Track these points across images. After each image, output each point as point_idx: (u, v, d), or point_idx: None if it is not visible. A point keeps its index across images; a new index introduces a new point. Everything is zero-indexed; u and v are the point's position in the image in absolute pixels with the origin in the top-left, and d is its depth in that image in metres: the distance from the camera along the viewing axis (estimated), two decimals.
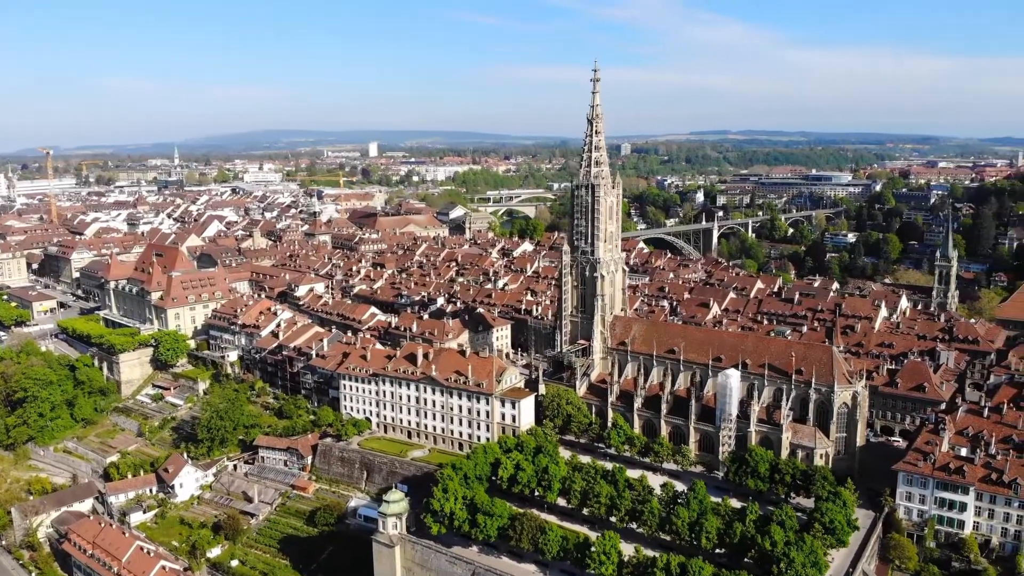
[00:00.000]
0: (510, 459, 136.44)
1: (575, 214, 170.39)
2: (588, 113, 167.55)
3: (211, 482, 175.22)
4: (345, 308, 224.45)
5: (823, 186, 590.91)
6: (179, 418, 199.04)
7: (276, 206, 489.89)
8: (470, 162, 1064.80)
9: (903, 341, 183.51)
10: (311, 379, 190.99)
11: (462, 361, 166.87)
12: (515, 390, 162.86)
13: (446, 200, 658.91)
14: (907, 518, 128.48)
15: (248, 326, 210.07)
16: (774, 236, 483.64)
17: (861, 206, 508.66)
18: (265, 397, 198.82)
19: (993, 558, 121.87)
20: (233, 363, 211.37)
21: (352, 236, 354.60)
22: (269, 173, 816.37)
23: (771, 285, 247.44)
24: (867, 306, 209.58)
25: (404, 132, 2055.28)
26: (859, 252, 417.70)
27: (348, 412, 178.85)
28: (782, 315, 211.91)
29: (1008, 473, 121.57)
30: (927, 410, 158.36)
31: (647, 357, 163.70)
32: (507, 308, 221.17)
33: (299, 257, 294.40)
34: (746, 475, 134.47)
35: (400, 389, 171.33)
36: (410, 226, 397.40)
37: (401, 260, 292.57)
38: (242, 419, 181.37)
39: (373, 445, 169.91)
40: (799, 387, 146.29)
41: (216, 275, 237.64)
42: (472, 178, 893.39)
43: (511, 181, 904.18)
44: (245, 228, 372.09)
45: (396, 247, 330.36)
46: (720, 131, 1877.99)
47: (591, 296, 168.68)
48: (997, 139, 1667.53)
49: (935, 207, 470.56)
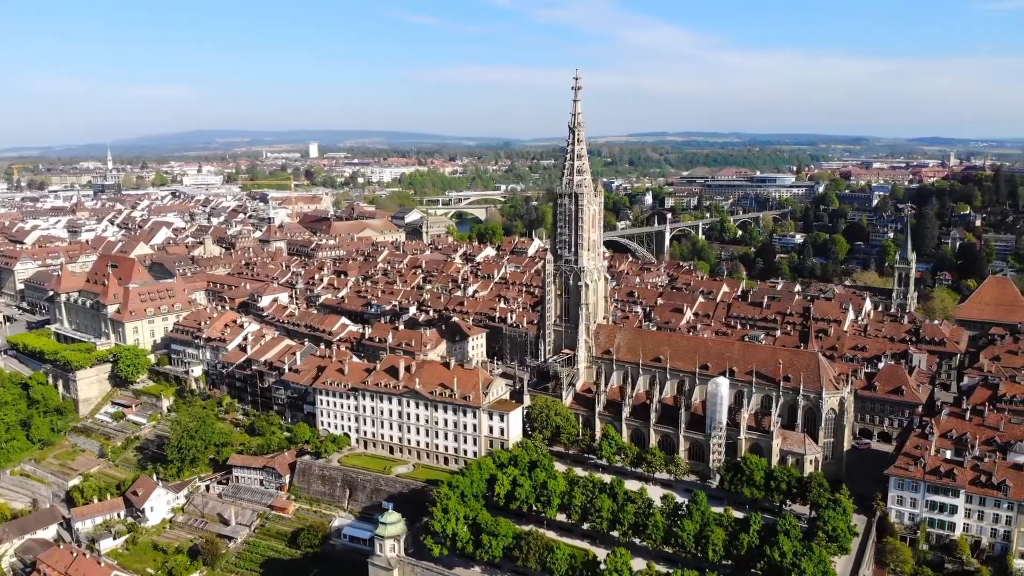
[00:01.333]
0: (506, 475, 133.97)
1: (558, 223, 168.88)
2: (569, 121, 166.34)
3: (183, 504, 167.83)
4: (313, 319, 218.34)
5: (767, 188, 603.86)
6: (143, 437, 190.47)
7: (222, 211, 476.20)
8: (415, 163, 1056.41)
9: (875, 344, 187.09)
10: (284, 394, 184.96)
11: (446, 373, 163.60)
12: (502, 402, 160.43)
13: (395, 202, 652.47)
14: (899, 521, 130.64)
15: (213, 340, 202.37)
16: (724, 238, 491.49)
17: (807, 207, 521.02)
18: (234, 413, 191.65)
19: (984, 558, 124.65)
20: (198, 378, 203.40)
21: (308, 242, 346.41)
22: (209, 176, 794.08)
23: (735, 288, 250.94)
24: (835, 309, 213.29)
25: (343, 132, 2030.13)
26: (808, 253, 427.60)
27: (325, 428, 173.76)
28: (751, 319, 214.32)
29: (996, 475, 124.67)
30: (905, 413, 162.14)
31: (633, 366, 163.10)
32: (480, 316, 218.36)
33: (256, 265, 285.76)
34: (742, 483, 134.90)
35: (381, 404, 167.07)
36: (366, 231, 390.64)
37: (364, 267, 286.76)
38: (213, 437, 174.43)
39: (355, 462, 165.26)
40: (787, 394, 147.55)
41: (175, 286, 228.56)
42: (419, 180, 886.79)
43: (458, 183, 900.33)
44: (195, 235, 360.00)
45: (356, 253, 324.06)
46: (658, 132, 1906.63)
47: (575, 305, 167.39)
48: (924, 139, 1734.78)
49: (878, 208, 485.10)
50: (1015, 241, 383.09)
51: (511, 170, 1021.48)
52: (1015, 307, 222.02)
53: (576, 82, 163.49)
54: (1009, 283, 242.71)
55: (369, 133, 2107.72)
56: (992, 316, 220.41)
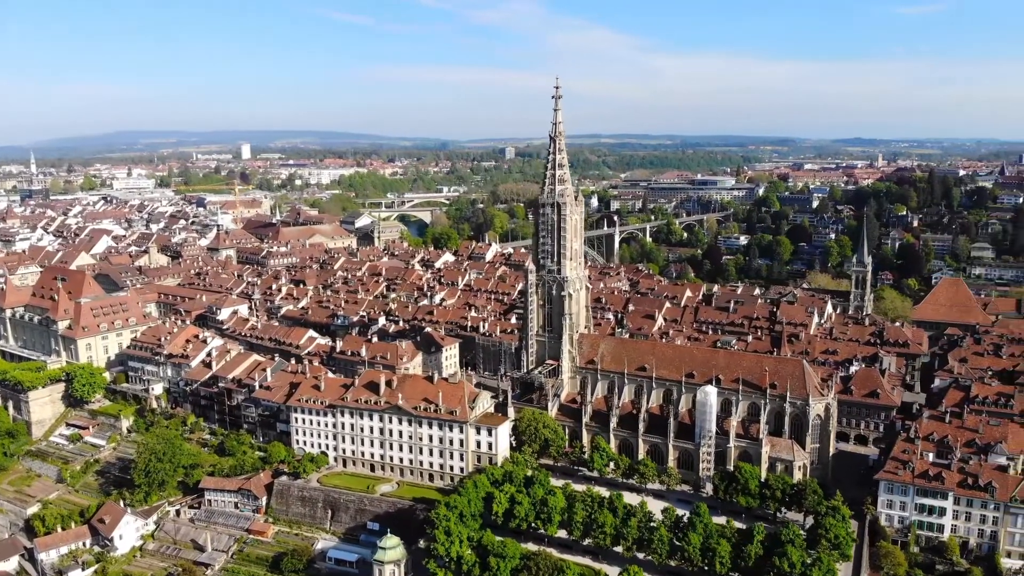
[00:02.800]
0: (503, 492, 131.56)
1: (540, 232, 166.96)
2: (550, 131, 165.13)
3: (153, 531, 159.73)
4: (277, 332, 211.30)
5: (709, 190, 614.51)
6: (103, 460, 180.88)
7: (160, 216, 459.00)
8: (353, 165, 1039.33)
9: (845, 348, 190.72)
10: (255, 412, 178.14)
11: (430, 388, 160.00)
12: (489, 416, 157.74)
13: (337, 205, 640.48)
14: (889, 525, 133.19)
15: (175, 356, 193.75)
16: (671, 240, 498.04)
17: (749, 210, 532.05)
18: (200, 433, 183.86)
19: (972, 558, 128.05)
20: (159, 397, 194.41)
21: (258, 249, 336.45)
22: (141, 179, 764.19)
23: (697, 292, 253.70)
24: (801, 313, 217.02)
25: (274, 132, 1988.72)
26: (754, 254, 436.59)
27: (301, 447, 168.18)
28: (719, 323, 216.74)
29: (983, 477, 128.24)
30: (881, 415, 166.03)
31: (618, 375, 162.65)
32: (452, 325, 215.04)
33: (208, 275, 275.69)
34: (737, 492, 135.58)
35: (362, 420, 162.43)
36: (316, 237, 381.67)
37: (322, 276, 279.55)
38: (181, 459, 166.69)
39: (335, 481, 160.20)
40: (774, 401, 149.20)
41: (129, 300, 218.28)
42: (359, 182, 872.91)
43: (400, 184, 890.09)
44: (137, 243, 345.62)
45: (310, 261, 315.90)
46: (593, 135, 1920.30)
47: (558, 315, 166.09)
48: (847, 140, 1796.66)
49: (819, 209, 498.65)
50: (952, 241, 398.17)
51: (453, 172, 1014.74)
52: (969, 308, 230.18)
53: (556, 91, 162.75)
54: (962, 284, 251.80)
55: (301, 133, 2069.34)
56: (947, 317, 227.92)
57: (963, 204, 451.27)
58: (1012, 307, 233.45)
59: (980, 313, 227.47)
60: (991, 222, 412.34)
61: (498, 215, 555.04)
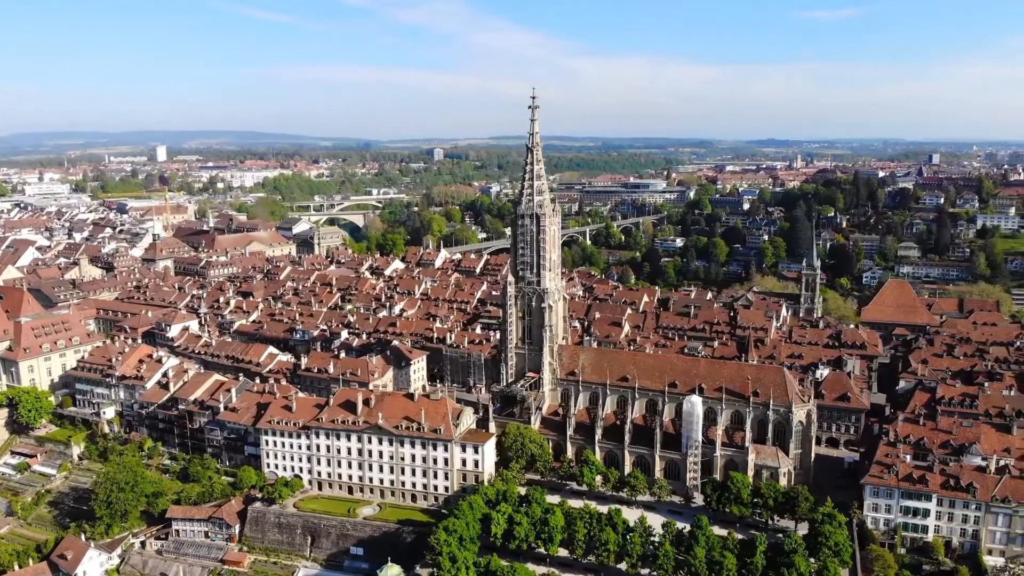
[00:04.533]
0: (500, 513, 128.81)
1: (518, 243, 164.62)
2: (528, 141, 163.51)
3: (118, 565, 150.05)
4: (234, 349, 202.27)
5: (642, 193, 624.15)
6: (55, 490, 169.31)
7: (82, 225, 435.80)
8: (277, 166, 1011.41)
9: (809, 352, 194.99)
10: (220, 436, 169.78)
11: (411, 405, 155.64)
12: (474, 433, 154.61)
13: (265, 209, 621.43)
14: (875, 528, 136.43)
15: (128, 377, 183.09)
16: (610, 243, 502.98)
17: (683, 212, 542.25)
18: (159, 459, 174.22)
19: (955, 557, 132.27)
20: (111, 421, 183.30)
21: (196, 260, 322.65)
22: (54, 184, 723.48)
23: (653, 297, 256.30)
24: (760, 317, 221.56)
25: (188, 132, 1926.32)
26: (691, 256, 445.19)
27: (272, 470, 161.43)
28: (682, 329, 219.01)
29: (964, 478, 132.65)
30: (851, 418, 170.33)
31: (599, 386, 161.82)
32: (417, 337, 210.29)
33: (148, 288, 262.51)
34: (729, 502, 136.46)
35: (338, 441, 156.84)
36: (254, 244, 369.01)
37: (270, 287, 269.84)
38: (145, 487, 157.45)
39: (313, 506, 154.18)
40: (757, 409, 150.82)
41: (71, 318, 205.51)
42: (285, 184, 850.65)
43: (327, 187, 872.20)
44: (64, 254, 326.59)
45: (252, 270, 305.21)
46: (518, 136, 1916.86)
47: (538, 327, 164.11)
48: (762, 141, 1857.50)
49: (750, 212, 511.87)
50: (880, 241, 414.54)
51: (381, 173, 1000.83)
52: (915, 309, 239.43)
53: (533, 101, 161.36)
54: (907, 286, 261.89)
55: (216, 133, 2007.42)
56: (895, 318, 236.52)
57: (887, 205, 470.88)
58: (955, 307, 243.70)
59: (926, 314, 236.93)
60: (915, 222, 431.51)
61: (436, 219, 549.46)
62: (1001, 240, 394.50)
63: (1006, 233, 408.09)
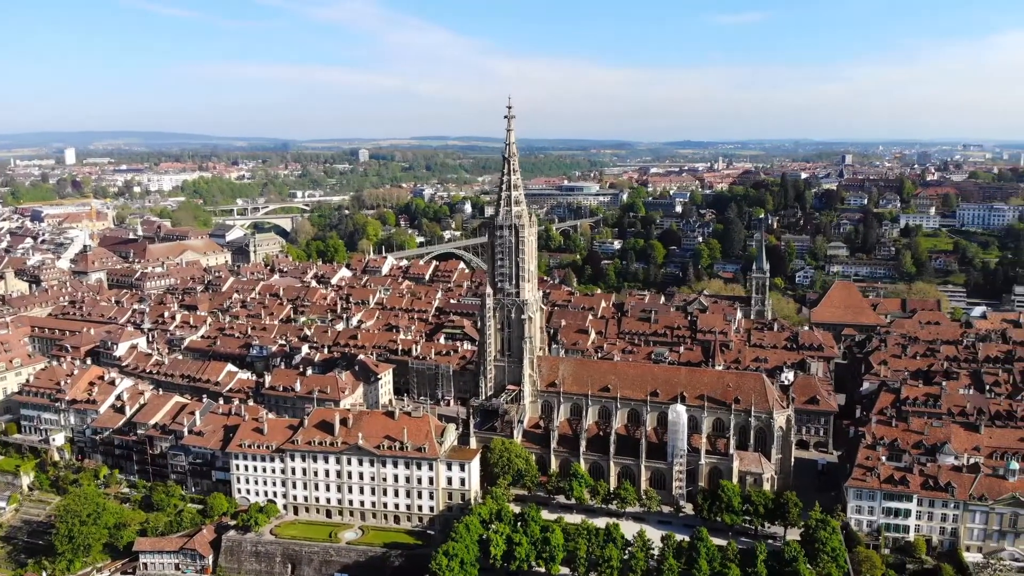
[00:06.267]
0: (498, 533, 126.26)
1: (496, 255, 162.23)
2: (504, 151, 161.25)
3: None
4: (189, 367, 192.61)
5: (577, 196, 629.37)
6: (6, 524, 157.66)
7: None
8: (194, 168, 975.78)
9: (773, 355, 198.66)
10: (185, 461, 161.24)
11: (391, 424, 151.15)
12: (458, 450, 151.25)
13: (188, 214, 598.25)
14: (859, 529, 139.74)
15: (79, 401, 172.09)
16: (550, 246, 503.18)
17: (619, 215, 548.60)
18: (117, 487, 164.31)
19: (935, 555, 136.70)
20: (61, 448, 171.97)
21: (130, 271, 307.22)
22: None
23: (608, 301, 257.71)
24: (719, 321, 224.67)
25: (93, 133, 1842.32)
26: (631, 259, 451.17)
27: (244, 496, 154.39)
28: (644, 334, 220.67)
29: (942, 478, 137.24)
30: (821, 421, 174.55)
31: (580, 397, 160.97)
32: (381, 350, 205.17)
33: (84, 303, 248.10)
34: (720, 510, 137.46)
35: (315, 464, 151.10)
36: (188, 253, 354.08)
37: (216, 299, 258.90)
38: (107, 518, 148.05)
39: (292, 532, 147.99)
40: (739, 415, 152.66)
41: (9, 338, 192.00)
42: (205, 187, 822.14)
43: (249, 189, 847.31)
44: None
45: (191, 281, 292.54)
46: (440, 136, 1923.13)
47: (518, 339, 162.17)
48: (678, 142, 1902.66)
49: (684, 214, 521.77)
50: (810, 241, 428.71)
51: (305, 175, 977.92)
52: (861, 309, 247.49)
53: (508, 111, 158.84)
54: (853, 287, 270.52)
55: (124, 134, 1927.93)
56: (843, 319, 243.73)
57: (815, 206, 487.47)
58: (898, 307, 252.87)
59: (872, 314, 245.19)
60: (842, 222, 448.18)
61: (370, 223, 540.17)
62: (924, 239, 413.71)
63: (928, 232, 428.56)
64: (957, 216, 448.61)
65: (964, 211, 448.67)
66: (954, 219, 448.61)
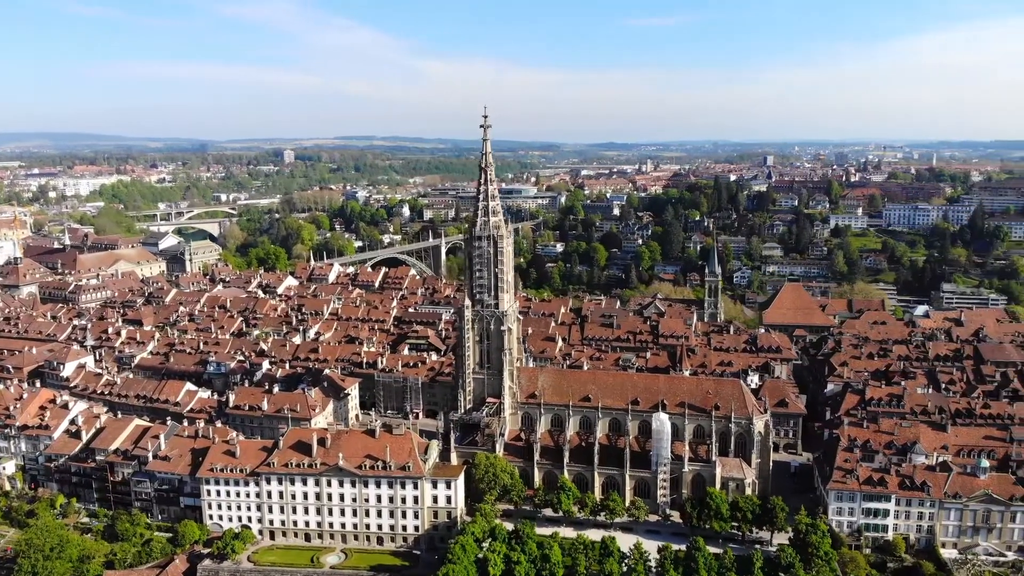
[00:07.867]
0: (495, 553, 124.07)
1: (474, 266, 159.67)
2: (480, 161, 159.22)
3: None
4: (145, 387, 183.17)
5: (515, 199, 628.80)
6: None
7: None
8: (112, 172, 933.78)
9: (737, 359, 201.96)
10: (150, 487, 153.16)
11: (372, 443, 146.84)
12: (443, 468, 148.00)
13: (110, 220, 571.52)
14: (840, 530, 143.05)
15: (31, 427, 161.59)
16: None
17: (559, 218, 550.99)
18: (76, 517, 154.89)
19: (914, 553, 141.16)
20: (12, 477, 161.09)
21: (64, 284, 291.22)
22: None
23: (567, 307, 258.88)
24: (680, 325, 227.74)
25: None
26: (575, 262, 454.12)
27: (216, 522, 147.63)
28: (606, 340, 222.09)
29: (917, 477, 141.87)
30: (790, 423, 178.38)
31: (561, 408, 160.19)
32: (345, 363, 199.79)
33: (19, 320, 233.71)
34: (710, 517, 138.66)
35: (293, 486, 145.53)
36: (121, 263, 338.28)
37: (161, 313, 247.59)
38: (71, 552, 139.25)
39: (271, 558, 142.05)
40: (719, 422, 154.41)
41: None
42: (125, 191, 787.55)
43: (171, 193, 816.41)
44: None
45: (130, 294, 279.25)
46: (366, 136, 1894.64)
47: (496, 350, 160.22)
48: (603, 144, 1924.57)
49: (623, 216, 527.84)
50: (746, 242, 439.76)
51: (229, 177, 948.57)
52: (811, 311, 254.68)
53: (484, 120, 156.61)
54: (802, 289, 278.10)
55: (31, 136, 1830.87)
56: (795, 320, 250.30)
57: (748, 208, 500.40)
58: (844, 307, 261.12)
59: (822, 315, 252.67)
60: (775, 223, 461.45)
61: (304, 227, 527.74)
62: (854, 239, 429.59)
63: (857, 232, 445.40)
64: (883, 216, 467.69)
65: (890, 211, 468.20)
66: (880, 219, 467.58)
